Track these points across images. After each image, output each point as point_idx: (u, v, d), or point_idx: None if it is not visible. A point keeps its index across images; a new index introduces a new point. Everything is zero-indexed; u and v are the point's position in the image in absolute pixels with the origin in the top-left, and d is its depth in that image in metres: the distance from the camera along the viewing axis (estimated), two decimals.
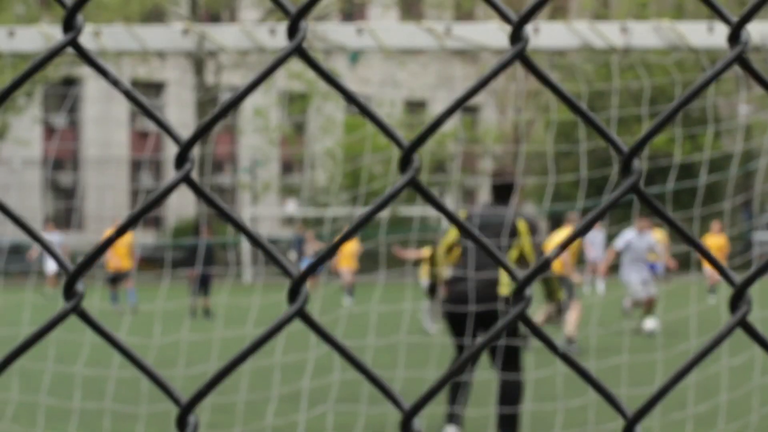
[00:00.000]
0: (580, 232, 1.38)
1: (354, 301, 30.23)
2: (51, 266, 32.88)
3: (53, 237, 33.45)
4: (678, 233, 1.42)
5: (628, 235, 21.25)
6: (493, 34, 8.51)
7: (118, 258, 26.92)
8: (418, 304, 24.37)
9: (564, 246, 1.37)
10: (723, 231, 31.01)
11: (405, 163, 1.34)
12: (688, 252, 31.95)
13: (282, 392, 12.05)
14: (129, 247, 27.37)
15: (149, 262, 44.88)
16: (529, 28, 2.53)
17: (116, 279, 27.07)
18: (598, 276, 30.70)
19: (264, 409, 11.25)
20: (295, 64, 39.80)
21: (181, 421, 1.32)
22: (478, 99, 54.73)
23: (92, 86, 54.54)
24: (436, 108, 57.64)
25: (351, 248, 32.72)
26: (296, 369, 13.65)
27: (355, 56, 9.07)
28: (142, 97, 1.35)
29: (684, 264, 33.23)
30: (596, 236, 31.63)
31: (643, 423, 10.48)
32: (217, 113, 1.32)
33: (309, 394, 12.02)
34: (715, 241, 30.45)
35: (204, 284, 26.08)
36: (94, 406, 11.12)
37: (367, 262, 42.16)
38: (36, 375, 12.93)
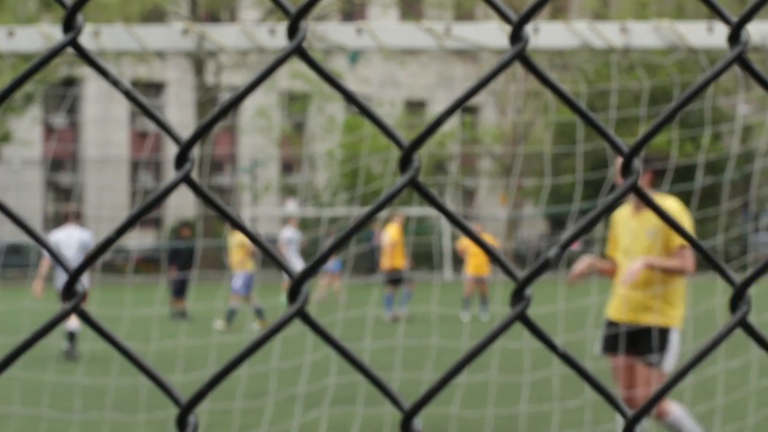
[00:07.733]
0: (581, 232, 1.38)
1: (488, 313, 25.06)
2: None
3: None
4: (678, 233, 1.42)
5: None
6: (493, 34, 8.51)
7: (391, 258, 23.98)
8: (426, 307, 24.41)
9: (565, 246, 1.37)
10: None
11: (405, 163, 1.34)
12: None
13: (279, 397, 12.05)
14: (402, 245, 24.31)
15: (147, 263, 44.93)
16: (529, 28, 2.53)
17: (394, 281, 24.02)
18: None
19: (261, 413, 11.25)
20: (298, 64, 39.82)
21: (182, 421, 1.32)
22: (478, 99, 54.72)
23: (92, 86, 54.56)
24: (436, 108, 57.63)
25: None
26: (293, 373, 13.65)
27: (354, 56, 9.03)
28: (142, 97, 1.35)
29: None
30: None
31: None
32: (217, 113, 1.32)
33: (305, 397, 12.02)
34: None
35: (181, 286, 25.44)
36: (95, 417, 11.13)
37: (365, 262, 42.20)
38: (36, 387, 12.93)
